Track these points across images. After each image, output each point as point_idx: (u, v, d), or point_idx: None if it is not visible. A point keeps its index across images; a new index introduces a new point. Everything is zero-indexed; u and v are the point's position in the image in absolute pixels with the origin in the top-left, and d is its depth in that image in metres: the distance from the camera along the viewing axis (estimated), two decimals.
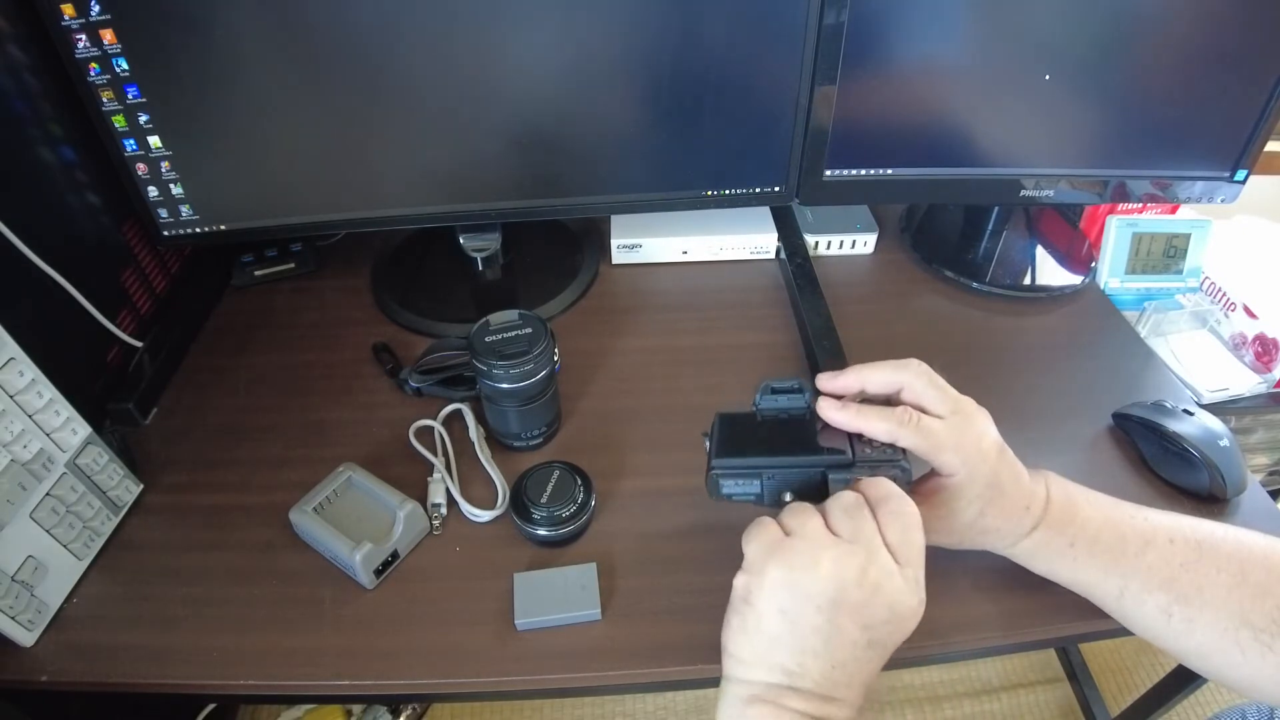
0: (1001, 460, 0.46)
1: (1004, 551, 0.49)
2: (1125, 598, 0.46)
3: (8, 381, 0.48)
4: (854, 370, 0.48)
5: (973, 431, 0.46)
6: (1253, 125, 0.68)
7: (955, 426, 0.45)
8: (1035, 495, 0.47)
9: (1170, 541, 0.45)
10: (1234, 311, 0.80)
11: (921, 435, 0.45)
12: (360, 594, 0.53)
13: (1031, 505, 0.47)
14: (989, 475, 0.46)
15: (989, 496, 0.46)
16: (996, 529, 0.47)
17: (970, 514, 0.47)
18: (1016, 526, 0.47)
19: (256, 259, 0.80)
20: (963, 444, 0.45)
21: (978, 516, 0.47)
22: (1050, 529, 0.47)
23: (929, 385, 0.46)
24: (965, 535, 0.48)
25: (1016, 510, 0.47)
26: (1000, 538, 0.48)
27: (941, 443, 0.45)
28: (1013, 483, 0.46)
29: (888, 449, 0.45)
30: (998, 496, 0.46)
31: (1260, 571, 0.44)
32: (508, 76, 0.63)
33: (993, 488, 0.46)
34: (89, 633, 0.52)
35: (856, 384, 0.48)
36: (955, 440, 0.45)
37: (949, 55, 0.67)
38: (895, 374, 0.47)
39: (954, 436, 0.45)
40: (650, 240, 0.81)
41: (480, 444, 0.63)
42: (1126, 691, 1.11)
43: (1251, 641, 0.42)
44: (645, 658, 0.50)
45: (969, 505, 0.46)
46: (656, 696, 1.09)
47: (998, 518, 0.47)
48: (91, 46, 0.57)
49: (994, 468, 0.46)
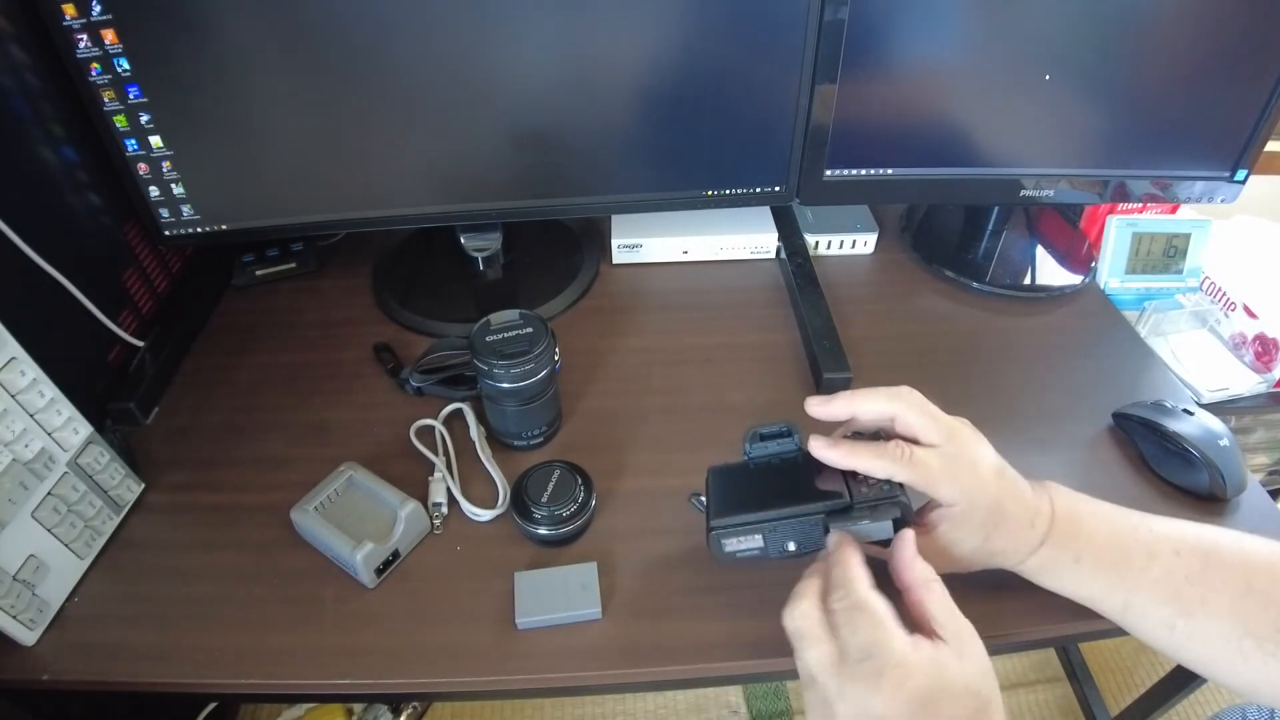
0: (1001, 483, 0.46)
1: (1011, 569, 0.48)
2: (1129, 611, 0.46)
3: (9, 381, 0.49)
4: (845, 396, 0.47)
5: (968, 459, 0.46)
6: (1253, 125, 0.68)
7: (950, 456, 0.45)
8: (1039, 511, 0.46)
9: (1175, 554, 0.45)
10: (1234, 311, 0.80)
11: (916, 469, 0.44)
12: (361, 593, 0.53)
13: (1036, 521, 0.46)
14: (989, 502, 0.45)
15: (993, 522, 0.46)
16: (1003, 551, 0.47)
17: (976, 540, 0.46)
18: (1023, 545, 0.46)
19: (257, 259, 0.80)
20: (959, 473, 0.45)
21: (984, 542, 0.46)
22: (1056, 545, 0.46)
23: (921, 415, 0.46)
24: (973, 560, 0.47)
25: (1021, 529, 0.46)
26: (1007, 558, 0.47)
27: (937, 476, 0.44)
28: (1015, 503, 0.46)
29: (884, 485, 0.44)
30: (1001, 520, 0.46)
31: (1265, 580, 0.43)
32: (508, 76, 0.63)
33: (995, 513, 0.46)
34: (90, 632, 0.52)
35: (847, 411, 0.47)
36: (951, 470, 0.45)
37: (949, 55, 0.67)
38: (888, 405, 0.46)
39: (950, 467, 0.45)
40: (650, 240, 0.82)
41: (481, 443, 0.63)
42: (1126, 691, 1.11)
43: (1255, 651, 0.42)
44: (645, 657, 0.50)
45: (973, 532, 0.46)
46: (656, 696, 1.09)
47: (1003, 540, 0.46)
48: (93, 46, 0.57)
49: (994, 494, 0.45)
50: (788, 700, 1.10)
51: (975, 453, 0.46)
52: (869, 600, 0.40)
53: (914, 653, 0.38)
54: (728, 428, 0.52)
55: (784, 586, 0.51)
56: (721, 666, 0.50)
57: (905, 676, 0.37)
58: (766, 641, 0.50)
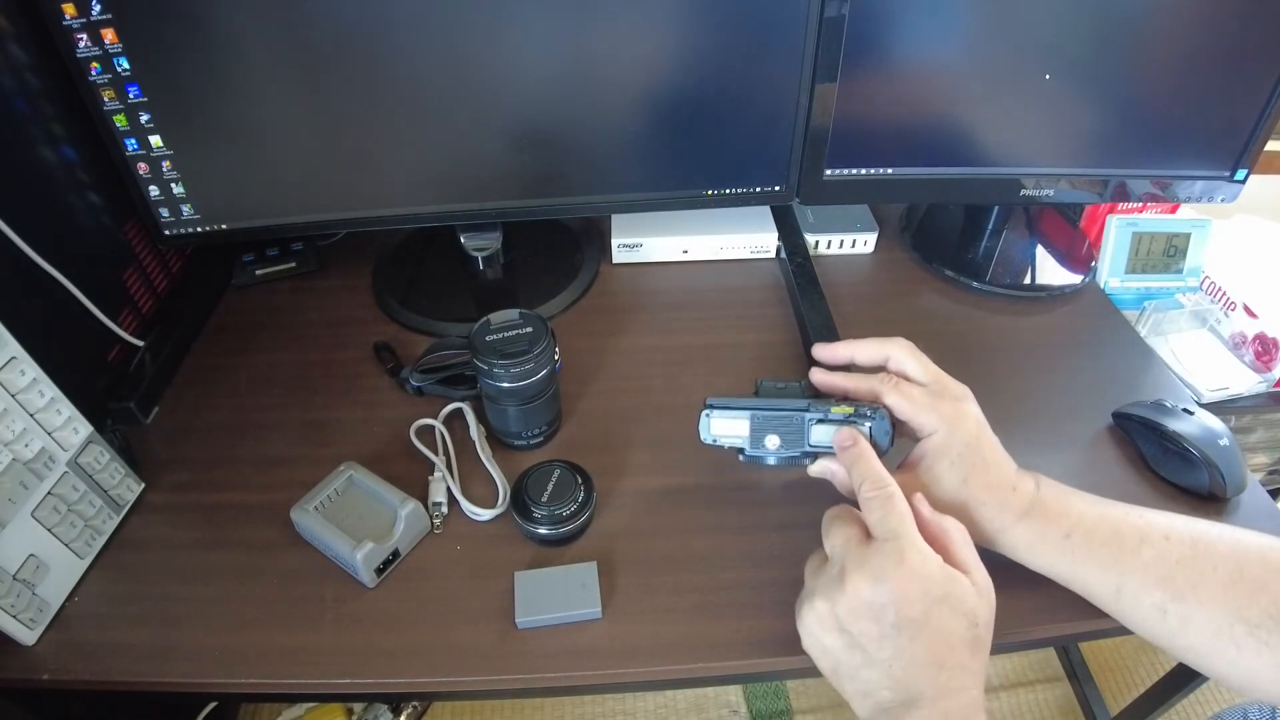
0: (981, 430, 0.49)
1: (1000, 543, 0.48)
2: (1122, 595, 0.46)
3: (9, 380, 0.49)
4: (846, 343, 0.54)
5: (951, 397, 0.49)
6: (1253, 125, 0.68)
7: (934, 393, 0.49)
8: (1023, 481, 0.48)
9: (1166, 538, 0.46)
10: (1234, 311, 0.80)
11: (901, 395, 0.49)
12: (361, 592, 0.53)
13: (1019, 488, 0.48)
14: (967, 437, 0.48)
15: (970, 460, 0.47)
16: (983, 501, 0.47)
17: (954, 479, 0.47)
18: (1003, 503, 0.47)
19: (258, 258, 0.80)
20: (941, 406, 0.48)
21: (961, 484, 0.47)
22: (1044, 519, 0.47)
23: (911, 357, 0.51)
24: (954, 502, 0.48)
25: (1003, 487, 0.47)
26: (988, 515, 0.47)
27: (920, 403, 0.48)
28: (995, 454, 0.48)
29: (867, 407, 0.49)
30: (979, 463, 0.47)
31: (1256, 568, 0.44)
32: (508, 75, 0.63)
33: (973, 450, 0.48)
34: (90, 631, 0.52)
35: (847, 354, 0.54)
36: (933, 402, 0.49)
37: (949, 54, 0.67)
38: (882, 347, 0.52)
39: (932, 399, 0.49)
40: (651, 239, 0.82)
41: (481, 443, 0.63)
42: (1127, 690, 1.11)
43: (1246, 637, 0.42)
44: (645, 656, 0.50)
45: (951, 468, 0.47)
46: (657, 695, 1.09)
47: (981, 488, 0.47)
48: (93, 46, 0.57)
49: (973, 431, 0.48)
50: (788, 700, 1.10)
51: (958, 394, 0.50)
52: (899, 495, 0.43)
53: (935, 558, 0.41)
54: None
55: (784, 587, 0.51)
56: (721, 666, 0.50)
57: (923, 564, 0.40)
58: (767, 641, 0.50)
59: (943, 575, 0.40)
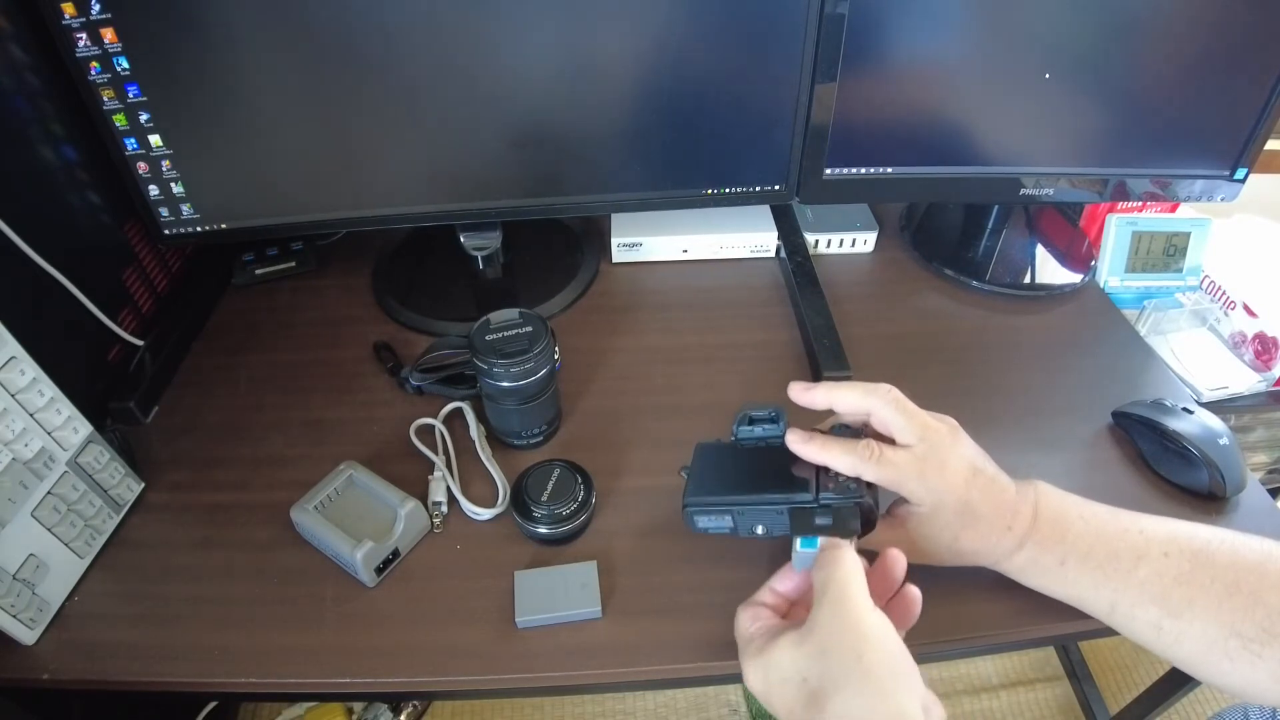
0: (972, 486, 0.46)
1: (994, 568, 0.49)
2: (1116, 612, 0.46)
3: (9, 380, 0.49)
4: (825, 388, 0.49)
5: (938, 459, 0.46)
6: (1253, 124, 0.68)
7: (920, 457, 0.46)
8: (1019, 514, 0.47)
9: (1164, 555, 0.45)
10: (1234, 310, 0.80)
11: (884, 468, 0.45)
12: (361, 592, 0.53)
13: (1014, 525, 0.47)
14: (957, 504, 0.46)
15: (961, 523, 0.47)
16: (975, 551, 0.47)
17: (945, 539, 0.47)
18: (997, 548, 0.47)
19: (257, 258, 0.80)
20: (926, 473, 0.46)
21: (953, 541, 0.47)
22: (1039, 547, 0.47)
23: (897, 412, 0.47)
24: (945, 557, 0.48)
25: (996, 532, 0.47)
26: (980, 558, 0.48)
27: (904, 475, 0.46)
28: (989, 505, 0.47)
29: (851, 484, 0.46)
30: (971, 521, 0.47)
31: (1253, 580, 0.43)
32: (507, 74, 0.63)
33: (964, 514, 0.46)
34: (90, 631, 0.52)
35: (825, 401, 0.49)
36: (918, 470, 0.46)
37: (949, 53, 0.67)
38: (864, 400, 0.48)
39: (917, 467, 0.46)
40: (650, 239, 0.82)
41: (481, 442, 0.63)
42: (1126, 689, 1.11)
43: (1240, 651, 0.42)
44: (645, 655, 0.50)
45: (942, 531, 0.47)
46: (657, 694, 1.09)
47: (974, 541, 0.47)
48: (92, 45, 0.57)
49: (962, 495, 0.46)
50: None
51: (947, 453, 0.47)
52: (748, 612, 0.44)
53: (755, 640, 0.42)
54: (727, 427, 0.52)
55: None
56: (721, 665, 0.50)
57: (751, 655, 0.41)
58: None
59: (759, 656, 0.41)
